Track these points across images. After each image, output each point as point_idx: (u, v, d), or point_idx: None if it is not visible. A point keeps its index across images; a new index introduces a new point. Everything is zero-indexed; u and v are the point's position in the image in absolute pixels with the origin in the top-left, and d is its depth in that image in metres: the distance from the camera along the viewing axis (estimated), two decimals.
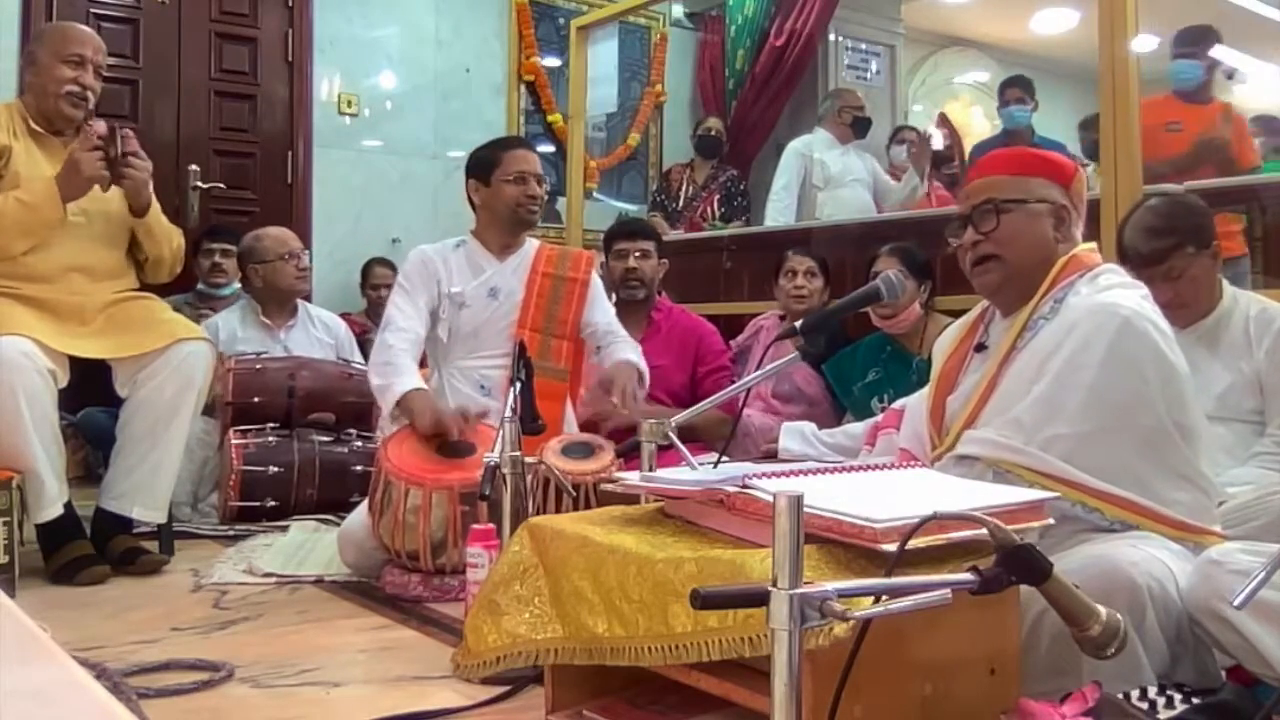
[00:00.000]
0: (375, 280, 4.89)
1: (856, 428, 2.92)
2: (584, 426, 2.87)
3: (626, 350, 2.79)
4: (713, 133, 5.62)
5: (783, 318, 3.51)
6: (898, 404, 2.06)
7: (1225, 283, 2.29)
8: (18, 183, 2.52)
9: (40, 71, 2.64)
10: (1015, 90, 5.01)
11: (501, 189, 2.74)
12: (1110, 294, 1.63)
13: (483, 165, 2.78)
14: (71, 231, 2.58)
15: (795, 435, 3.02)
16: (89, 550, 2.52)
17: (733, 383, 3.23)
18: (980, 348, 1.80)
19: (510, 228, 2.79)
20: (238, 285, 4.04)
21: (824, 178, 4.89)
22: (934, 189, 5.43)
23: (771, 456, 2.96)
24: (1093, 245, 1.81)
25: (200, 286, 4.11)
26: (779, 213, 4.86)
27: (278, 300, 3.74)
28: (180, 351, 2.59)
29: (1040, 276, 1.72)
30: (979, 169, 1.85)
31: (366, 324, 4.56)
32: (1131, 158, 2.62)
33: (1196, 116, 4.07)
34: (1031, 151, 1.90)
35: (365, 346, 3.90)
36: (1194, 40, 4.17)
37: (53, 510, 2.44)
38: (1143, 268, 2.22)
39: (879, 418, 2.22)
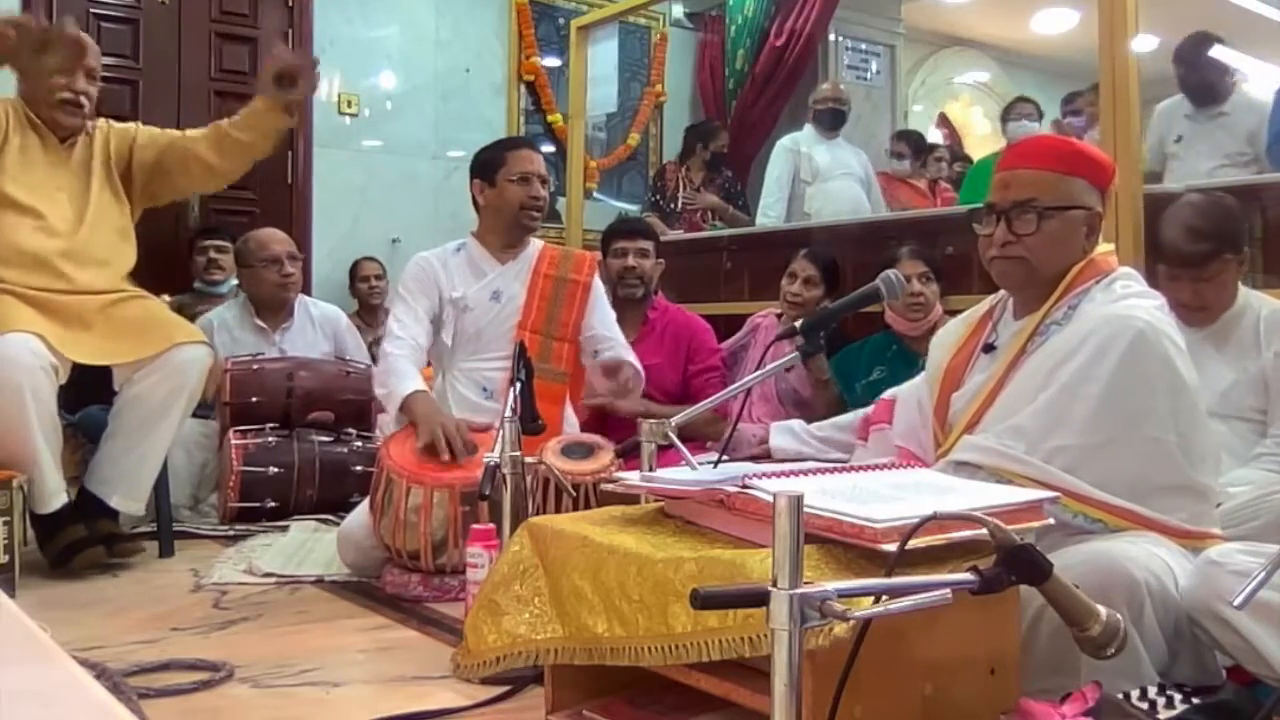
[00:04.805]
0: (364, 273, 4.90)
1: (844, 419, 2.89)
2: (585, 426, 2.87)
3: (627, 354, 2.79)
4: (725, 150, 5.56)
5: (779, 316, 3.50)
6: (887, 394, 2.01)
7: (1239, 283, 2.29)
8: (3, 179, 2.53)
9: (32, 80, 2.62)
10: None
11: (506, 189, 2.71)
12: (1126, 304, 1.60)
13: (488, 166, 2.75)
14: (67, 228, 2.59)
15: (785, 433, 3.00)
16: (84, 534, 2.53)
17: (723, 382, 3.24)
18: (989, 348, 1.77)
19: (513, 230, 2.76)
20: (235, 282, 4.03)
21: (812, 172, 4.85)
22: (941, 190, 5.43)
23: (765, 457, 2.95)
24: (1110, 247, 1.77)
25: (197, 285, 4.11)
26: (769, 209, 4.84)
27: (268, 305, 3.71)
28: (178, 355, 2.59)
29: (1059, 280, 1.69)
30: (1022, 156, 1.74)
31: (361, 323, 4.56)
32: (1132, 157, 2.62)
33: None
34: (1078, 148, 1.79)
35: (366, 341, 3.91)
36: None
37: (56, 501, 2.48)
38: (1179, 267, 2.23)
39: (868, 409, 2.19)
